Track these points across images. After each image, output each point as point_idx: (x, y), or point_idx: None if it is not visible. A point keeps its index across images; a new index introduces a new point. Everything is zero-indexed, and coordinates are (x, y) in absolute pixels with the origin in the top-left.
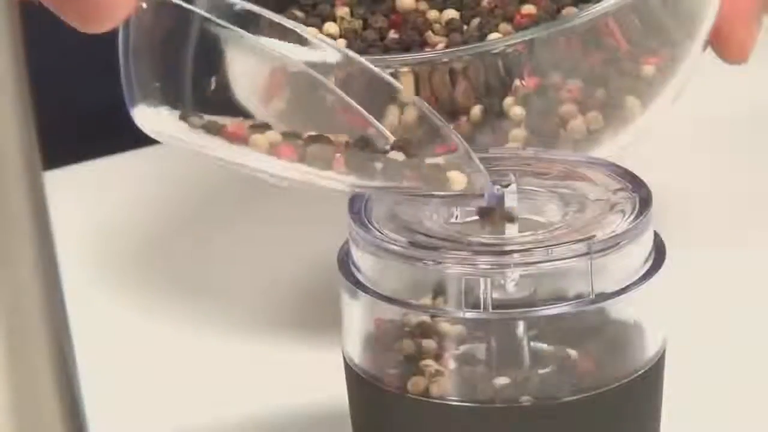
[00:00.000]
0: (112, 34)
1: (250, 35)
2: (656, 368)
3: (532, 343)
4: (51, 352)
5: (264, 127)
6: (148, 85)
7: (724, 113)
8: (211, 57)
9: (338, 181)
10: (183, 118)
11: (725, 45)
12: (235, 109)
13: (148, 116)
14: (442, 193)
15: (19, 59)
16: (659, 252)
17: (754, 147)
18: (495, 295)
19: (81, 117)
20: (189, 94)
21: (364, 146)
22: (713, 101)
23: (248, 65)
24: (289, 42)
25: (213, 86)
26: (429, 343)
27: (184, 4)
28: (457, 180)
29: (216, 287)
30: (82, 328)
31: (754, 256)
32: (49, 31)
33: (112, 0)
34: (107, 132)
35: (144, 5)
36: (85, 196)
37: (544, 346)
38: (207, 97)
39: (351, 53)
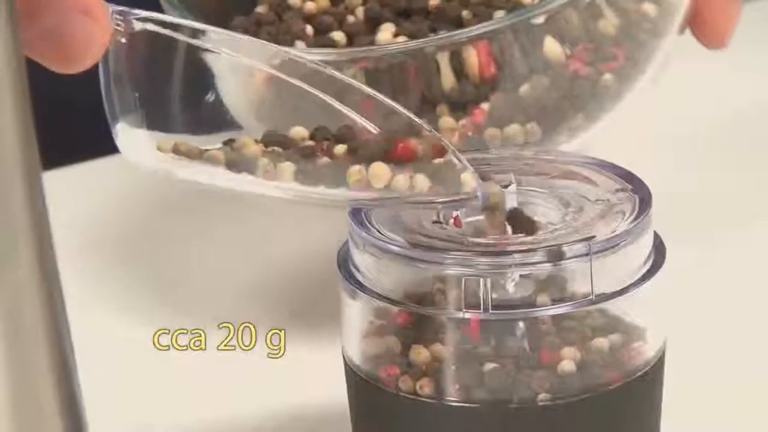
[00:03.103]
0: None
1: (232, 53)
2: (656, 368)
3: (531, 344)
4: (50, 351)
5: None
6: (132, 111)
7: (725, 113)
8: (198, 78)
9: (334, 195)
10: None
11: (704, 31)
12: (227, 127)
13: (131, 141)
14: (434, 198)
15: (19, 59)
16: (659, 252)
17: (755, 147)
18: (495, 296)
19: (80, 117)
20: (176, 117)
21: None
22: (713, 101)
23: (237, 81)
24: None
25: (203, 106)
26: (428, 344)
27: (163, 31)
28: (468, 181)
29: (216, 287)
30: (81, 328)
31: (754, 256)
32: None
33: (85, 38)
34: (107, 132)
35: (122, 39)
36: (85, 196)
37: (544, 347)
38: (197, 118)
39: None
